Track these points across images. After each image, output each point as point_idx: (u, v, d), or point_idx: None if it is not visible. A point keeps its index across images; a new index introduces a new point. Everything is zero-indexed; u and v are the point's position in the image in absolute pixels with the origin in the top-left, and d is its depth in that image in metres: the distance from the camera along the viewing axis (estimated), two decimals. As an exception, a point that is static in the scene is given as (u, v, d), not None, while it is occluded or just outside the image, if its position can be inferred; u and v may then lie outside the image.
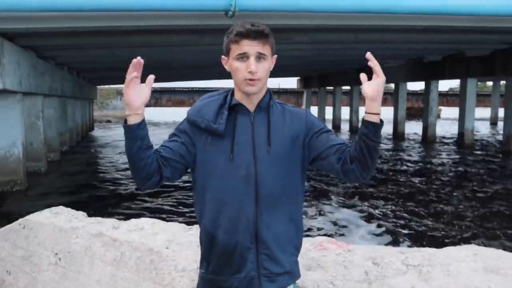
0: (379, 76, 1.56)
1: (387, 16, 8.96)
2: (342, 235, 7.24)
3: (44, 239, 3.33)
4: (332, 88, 30.59)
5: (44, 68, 12.43)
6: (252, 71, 1.58)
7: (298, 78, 35.90)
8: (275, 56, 1.68)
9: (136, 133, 1.59)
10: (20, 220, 3.66)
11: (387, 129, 25.89)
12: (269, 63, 1.64)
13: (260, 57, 1.60)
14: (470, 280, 1.80)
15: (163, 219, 3.33)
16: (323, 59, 20.32)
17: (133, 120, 1.60)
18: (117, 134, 27.03)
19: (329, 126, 29.61)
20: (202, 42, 12.06)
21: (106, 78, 28.45)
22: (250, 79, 1.60)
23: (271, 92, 1.73)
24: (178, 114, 44.12)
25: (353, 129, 27.30)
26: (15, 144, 10.18)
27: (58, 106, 15.48)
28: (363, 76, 1.59)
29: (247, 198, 1.64)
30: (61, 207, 3.74)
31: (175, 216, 7.94)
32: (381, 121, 1.59)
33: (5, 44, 8.63)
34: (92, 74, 23.80)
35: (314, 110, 34.29)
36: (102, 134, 27.34)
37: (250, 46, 1.58)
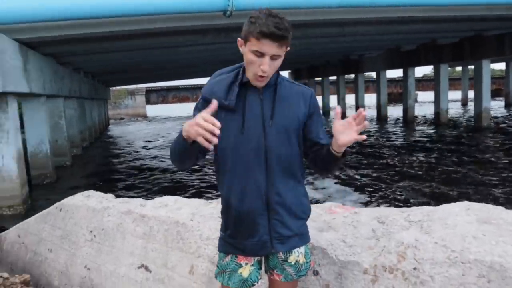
0: (355, 137, 1.52)
1: (370, 9, 8.92)
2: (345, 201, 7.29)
3: (79, 219, 3.33)
4: (320, 78, 30.47)
5: (63, 72, 12.35)
6: (265, 71, 1.53)
7: (290, 71, 35.72)
8: (288, 47, 1.60)
9: (197, 148, 1.52)
10: (57, 204, 3.66)
11: (371, 113, 26.01)
12: (281, 60, 1.58)
13: (275, 58, 1.53)
14: (466, 230, 1.80)
15: (185, 197, 3.32)
16: (312, 52, 20.20)
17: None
18: (129, 129, 27.03)
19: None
20: (204, 41, 11.96)
21: (118, 80, 28.33)
22: (260, 76, 1.55)
23: (278, 70, 1.69)
24: (183, 109, 44.09)
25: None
26: (42, 142, 10.15)
27: (77, 107, 15.40)
28: (338, 110, 1.55)
29: (258, 169, 1.62)
30: (92, 190, 3.74)
31: (195, 195, 7.92)
32: (344, 154, 1.60)
33: (29, 52, 8.56)
34: (105, 76, 23.67)
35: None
36: (116, 130, 27.34)
37: (268, 47, 1.49)
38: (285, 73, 37.79)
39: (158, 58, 16.15)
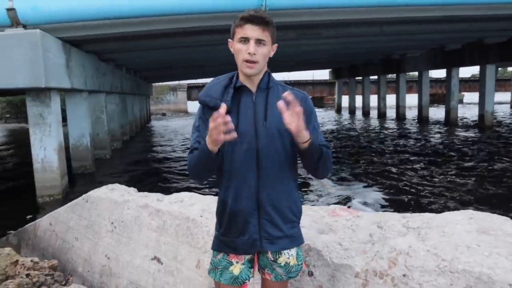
0: (295, 107, 1.50)
1: (411, 8, 8.70)
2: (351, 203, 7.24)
3: (102, 211, 3.50)
4: (361, 78, 29.95)
5: (105, 69, 12.85)
6: (250, 52, 1.60)
7: (330, 70, 35.33)
8: (276, 45, 1.69)
9: (217, 157, 1.61)
10: (84, 195, 3.86)
11: (413, 114, 25.29)
12: (268, 49, 1.65)
13: (260, 42, 1.61)
14: (461, 240, 1.78)
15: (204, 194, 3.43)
16: (351, 52, 19.91)
17: (215, 149, 1.57)
18: (170, 124, 27.65)
19: (359, 113, 29.05)
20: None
21: (160, 76, 29.05)
22: (248, 61, 1.62)
23: (270, 73, 1.75)
24: (223, 106, 44.51)
25: (381, 115, 26.76)
26: (84, 135, 10.62)
27: (119, 102, 15.95)
28: (281, 104, 1.51)
29: (250, 170, 1.68)
30: (116, 184, 3.91)
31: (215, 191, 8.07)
32: (311, 143, 1.59)
33: (72, 50, 8.97)
34: (147, 73, 24.35)
35: (345, 99, 33.78)
36: (158, 125, 28.02)
37: (251, 31, 1.60)
38: (325, 72, 37.41)
39: (197, 56, 16.45)
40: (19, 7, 6.96)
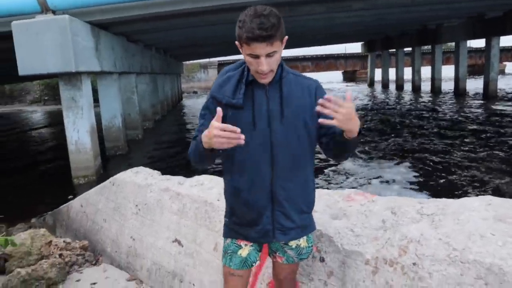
0: (342, 106, 1.47)
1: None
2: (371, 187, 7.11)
3: (127, 194, 3.62)
4: (394, 50, 28.99)
5: (134, 50, 13.01)
6: (263, 70, 1.55)
7: (362, 42, 34.37)
8: (286, 37, 1.59)
9: (217, 154, 1.62)
10: (111, 178, 3.99)
11: (449, 86, 24.39)
12: (280, 53, 1.59)
13: (270, 55, 1.54)
14: (475, 228, 1.73)
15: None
16: (384, 23, 19.22)
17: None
18: (201, 102, 27.78)
19: (393, 87, 28.26)
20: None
21: (190, 54, 29.10)
22: (262, 74, 1.58)
23: (283, 64, 1.69)
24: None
25: (415, 88, 25.95)
26: (115, 116, 10.87)
27: (150, 82, 16.17)
28: (320, 108, 1.49)
29: (264, 163, 1.68)
30: (141, 167, 4.01)
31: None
32: (359, 132, 1.58)
33: (101, 33, 9.12)
34: (177, 51, 24.44)
35: (378, 72, 32.90)
36: (189, 103, 28.35)
37: (260, 49, 1.51)
38: (357, 45, 36.46)
39: (227, 33, 16.37)
40: (47, -7, 7.11)
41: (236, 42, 1.61)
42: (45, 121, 22.55)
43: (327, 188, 4.51)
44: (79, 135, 7.92)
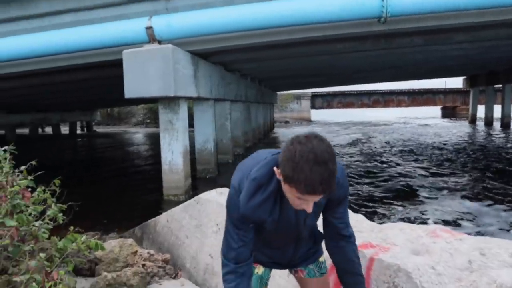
0: None
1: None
2: (459, 225, 6.51)
3: (210, 213, 3.74)
4: (500, 86, 26.79)
5: (230, 78, 13.64)
6: (308, 212, 1.52)
7: (464, 77, 32.31)
8: None
9: None
10: (196, 197, 4.16)
11: None
12: None
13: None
14: None
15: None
16: (490, 56, 17.92)
17: None
18: (293, 131, 28.12)
19: (497, 125, 26.01)
20: (364, 48, 11.77)
21: (284, 85, 29.76)
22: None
23: None
24: (347, 114, 43.83)
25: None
26: (208, 140, 11.41)
27: (243, 110, 16.74)
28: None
29: (289, 245, 1.82)
30: (226, 188, 4.13)
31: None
32: None
33: (200, 62, 9.74)
34: (272, 82, 25.14)
35: (481, 109, 30.56)
36: (280, 132, 28.76)
37: (312, 198, 1.43)
38: (458, 80, 34.37)
39: (321, 65, 16.50)
40: (155, 25, 7.82)
41: (277, 171, 1.48)
42: (146, 142, 24.40)
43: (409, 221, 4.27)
44: (173, 156, 8.43)
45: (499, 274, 1.68)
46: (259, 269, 1.89)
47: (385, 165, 12.72)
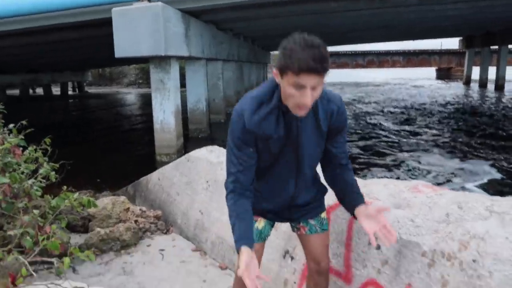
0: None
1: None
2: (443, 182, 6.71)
3: (200, 170, 3.80)
4: (497, 47, 26.61)
5: (222, 38, 13.41)
6: (306, 104, 1.48)
7: (460, 38, 32.00)
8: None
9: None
10: (186, 155, 4.21)
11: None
12: (322, 86, 1.52)
13: (314, 88, 1.47)
14: (550, 231, 1.58)
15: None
16: (485, 17, 17.71)
17: None
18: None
19: (492, 86, 26.10)
20: (357, 7, 11.56)
21: (277, 44, 29.15)
22: (304, 106, 1.51)
23: None
24: (341, 75, 43.56)
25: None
26: (200, 100, 11.37)
27: (235, 69, 16.57)
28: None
29: (289, 177, 1.80)
30: (216, 146, 4.18)
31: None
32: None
33: (191, 20, 9.54)
34: (264, 41, 24.74)
35: (476, 71, 30.49)
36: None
37: (308, 80, 1.43)
38: (454, 40, 34.02)
39: (313, 24, 16.22)
40: (145, -19, 7.60)
41: (274, 71, 1.55)
42: (137, 102, 24.22)
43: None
44: (165, 115, 8.41)
45: (474, 225, 1.75)
46: (260, 223, 1.88)
47: (374, 126, 12.82)
